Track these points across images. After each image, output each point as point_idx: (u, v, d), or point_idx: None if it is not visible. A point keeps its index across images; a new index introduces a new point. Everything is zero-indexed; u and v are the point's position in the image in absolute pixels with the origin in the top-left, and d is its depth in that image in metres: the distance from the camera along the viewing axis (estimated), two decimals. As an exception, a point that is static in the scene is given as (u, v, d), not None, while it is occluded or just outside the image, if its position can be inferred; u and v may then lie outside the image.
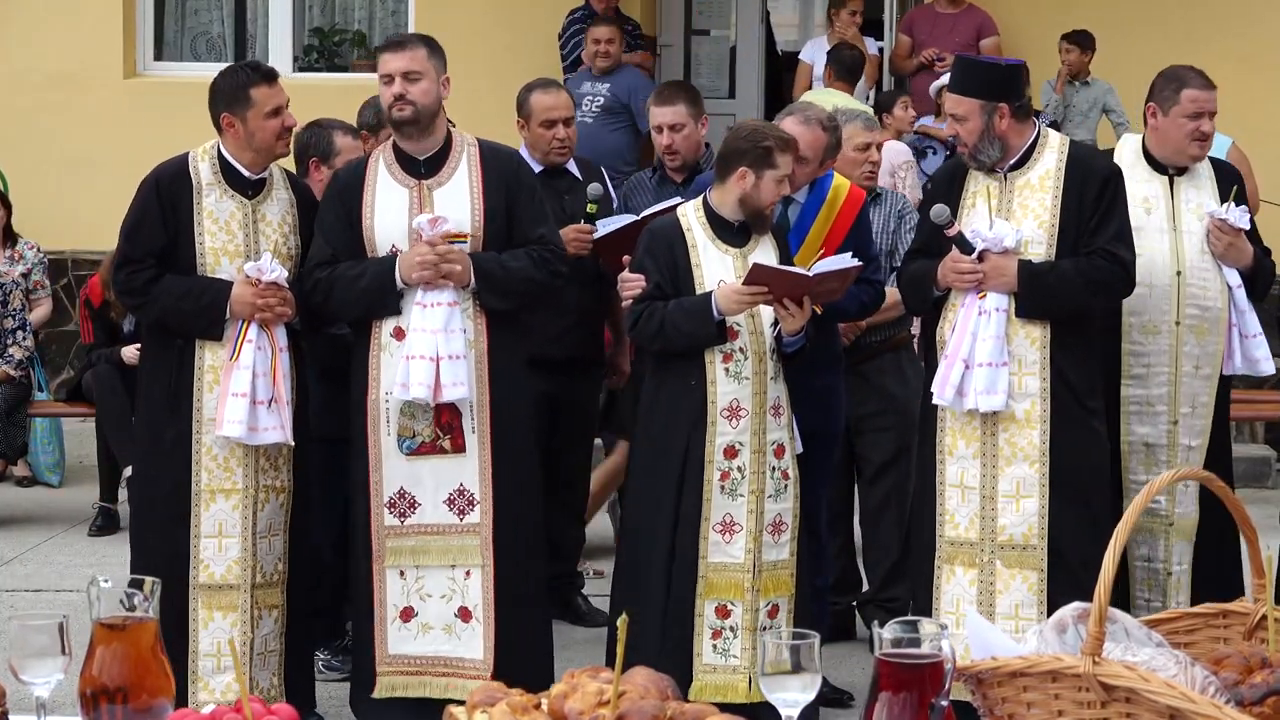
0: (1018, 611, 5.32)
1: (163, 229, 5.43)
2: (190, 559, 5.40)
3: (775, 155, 5.46)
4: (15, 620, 2.59)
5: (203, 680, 5.40)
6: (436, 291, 5.36)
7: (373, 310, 5.42)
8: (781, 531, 5.48)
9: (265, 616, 5.47)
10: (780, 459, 5.48)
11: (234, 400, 5.32)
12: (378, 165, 5.52)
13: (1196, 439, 5.76)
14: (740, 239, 5.53)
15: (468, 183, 5.49)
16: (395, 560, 5.45)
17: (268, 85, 5.48)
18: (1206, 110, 5.81)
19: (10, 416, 9.14)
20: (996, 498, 5.39)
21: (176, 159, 5.54)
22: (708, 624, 5.43)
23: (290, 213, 5.55)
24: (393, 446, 5.42)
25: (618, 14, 11.11)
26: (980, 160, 5.49)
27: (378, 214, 5.45)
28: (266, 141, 5.45)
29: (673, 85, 7.48)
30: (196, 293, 5.38)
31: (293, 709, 2.62)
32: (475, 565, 5.44)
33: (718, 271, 5.46)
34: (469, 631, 5.44)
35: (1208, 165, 5.93)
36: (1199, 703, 2.34)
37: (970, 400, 5.34)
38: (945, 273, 5.44)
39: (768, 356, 5.46)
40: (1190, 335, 5.73)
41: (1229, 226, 5.73)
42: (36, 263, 10.11)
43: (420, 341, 5.32)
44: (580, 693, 2.51)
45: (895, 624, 2.41)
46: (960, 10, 11.33)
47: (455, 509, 5.43)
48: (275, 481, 5.49)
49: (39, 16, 11.63)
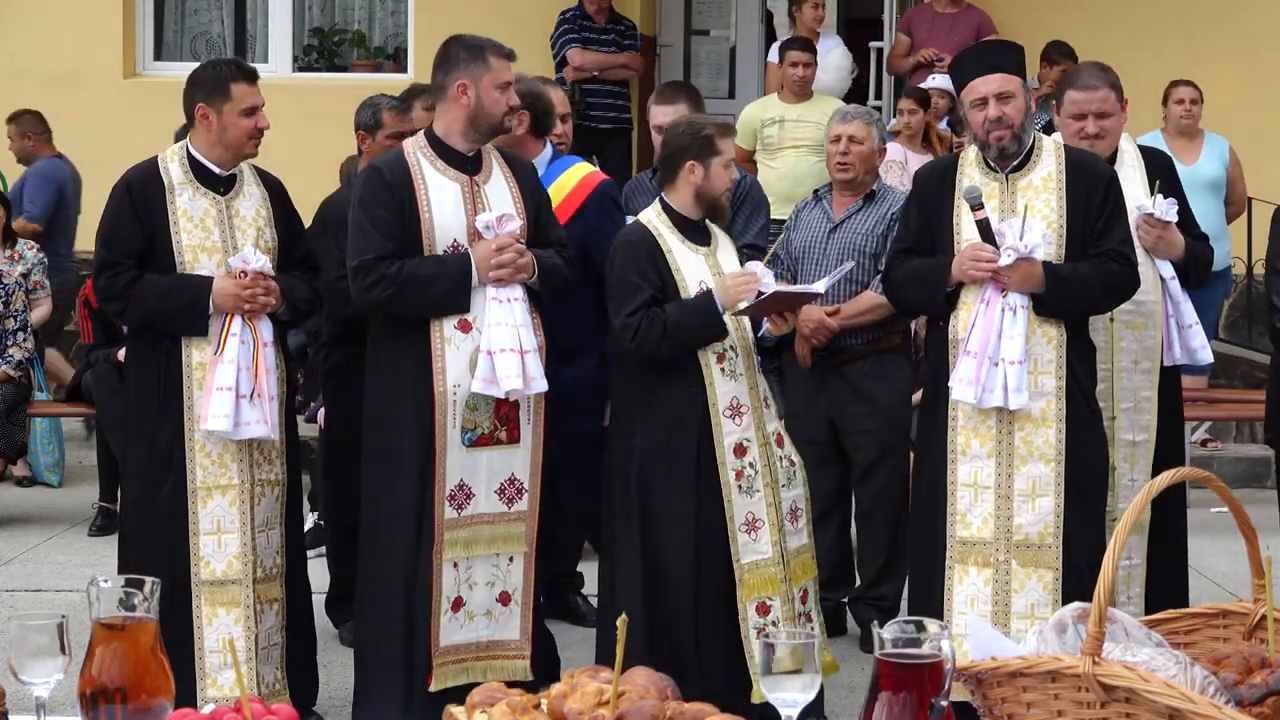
0: (1033, 611, 5.30)
1: (139, 231, 5.42)
2: (191, 557, 5.40)
3: (717, 141, 5.52)
4: (15, 620, 2.59)
5: (211, 676, 5.41)
6: (509, 288, 5.39)
7: (445, 309, 5.40)
8: (798, 518, 5.55)
9: (267, 610, 5.47)
10: (782, 447, 5.54)
11: (219, 395, 5.32)
12: (419, 160, 5.47)
13: (1142, 434, 5.77)
14: (704, 237, 5.59)
15: (505, 183, 5.53)
16: (451, 552, 5.44)
17: (247, 83, 5.49)
18: (1088, 111, 5.79)
19: (10, 416, 9.14)
20: (1012, 497, 5.38)
21: (145, 162, 5.54)
22: (752, 624, 5.43)
23: (264, 206, 5.55)
24: (456, 439, 5.41)
25: (612, 14, 11.13)
26: (1020, 143, 5.43)
27: (435, 209, 5.43)
28: (238, 139, 5.45)
29: (674, 85, 7.49)
30: (179, 290, 5.38)
31: (293, 709, 2.62)
32: (519, 551, 5.47)
33: (696, 272, 5.49)
34: (507, 614, 5.47)
35: (1137, 156, 5.93)
36: (1199, 703, 2.34)
37: (997, 398, 5.31)
38: (963, 262, 5.38)
39: (753, 353, 5.54)
40: (1126, 330, 5.73)
41: (1157, 220, 5.73)
42: (36, 263, 10.11)
43: (505, 336, 5.32)
44: (580, 693, 2.51)
45: (895, 624, 2.41)
46: (959, 10, 11.35)
47: (505, 498, 5.44)
48: (270, 475, 5.49)
49: (39, 16, 11.65)
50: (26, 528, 8.89)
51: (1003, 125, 5.40)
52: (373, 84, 9.55)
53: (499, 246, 5.35)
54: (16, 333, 9.21)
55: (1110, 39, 10.94)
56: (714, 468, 5.42)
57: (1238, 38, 11.52)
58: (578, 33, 10.97)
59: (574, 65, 10.86)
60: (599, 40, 11.03)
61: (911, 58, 11.32)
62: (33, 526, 8.92)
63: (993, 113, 5.39)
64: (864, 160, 6.83)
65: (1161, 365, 5.79)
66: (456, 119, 5.48)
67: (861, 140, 6.83)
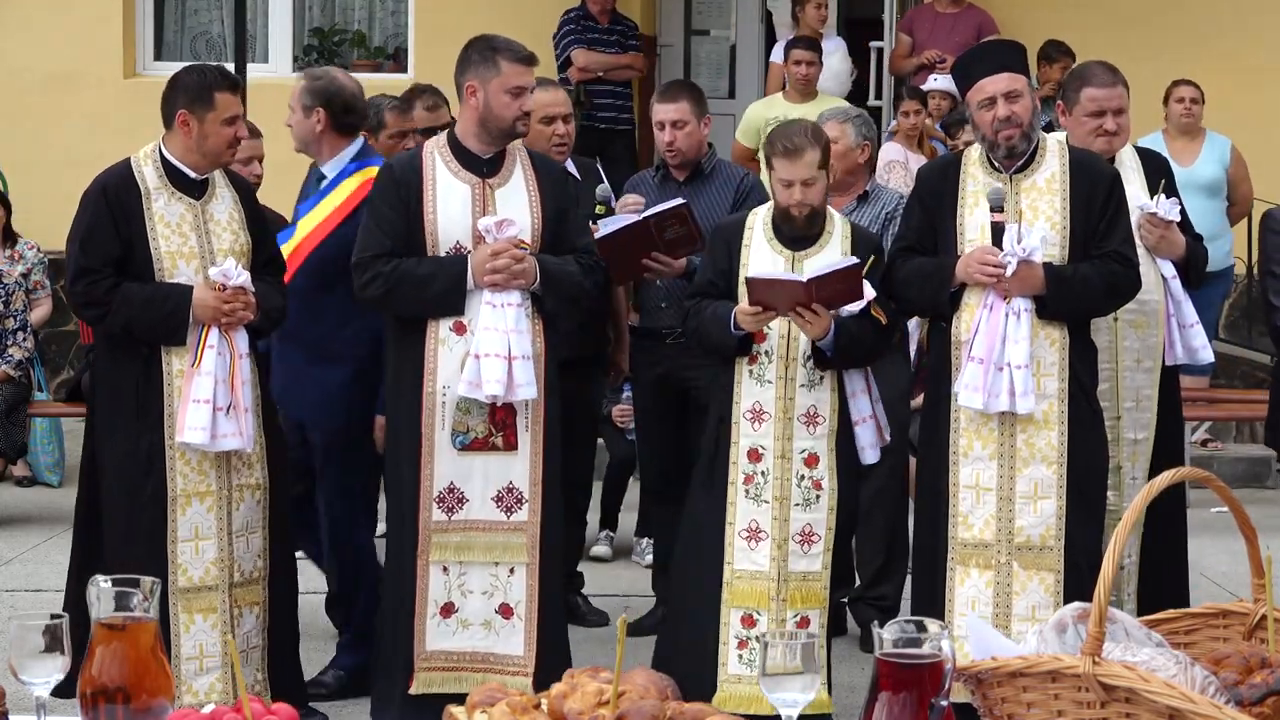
0: (1034, 613, 5.30)
1: (115, 237, 5.36)
2: (169, 564, 5.35)
3: (770, 159, 5.51)
4: (15, 620, 2.59)
5: (186, 684, 5.34)
6: (506, 293, 5.37)
7: (439, 310, 5.41)
8: (813, 542, 5.43)
9: (246, 614, 5.44)
10: (812, 468, 5.43)
11: (195, 407, 5.27)
12: (434, 160, 5.49)
13: (1143, 432, 5.77)
14: (800, 243, 5.50)
15: (524, 186, 5.51)
16: (440, 555, 5.43)
17: (231, 93, 5.46)
18: (1108, 108, 5.78)
19: (10, 416, 9.14)
20: (1014, 499, 5.38)
21: (118, 165, 5.49)
22: (733, 633, 5.41)
23: (236, 210, 5.51)
24: (445, 441, 5.41)
25: (614, 14, 11.12)
26: (1029, 141, 5.43)
27: (440, 210, 5.44)
28: (217, 148, 5.41)
29: (677, 83, 7.49)
30: (159, 299, 5.33)
31: (292, 709, 2.62)
32: (520, 563, 5.44)
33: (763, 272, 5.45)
34: (509, 628, 5.44)
35: (1134, 157, 5.93)
36: (1199, 703, 2.34)
37: (1004, 402, 5.31)
38: (970, 264, 5.37)
39: (799, 363, 5.43)
40: (1129, 330, 5.73)
41: (1160, 220, 5.72)
42: (36, 263, 10.11)
43: (493, 340, 5.31)
44: (580, 693, 2.51)
45: (895, 624, 2.40)
46: (960, 10, 11.34)
47: (503, 506, 5.43)
48: (249, 480, 5.46)
49: (39, 16, 11.64)
50: (26, 528, 8.89)
51: (1012, 125, 5.41)
52: (373, 84, 9.53)
53: (494, 251, 5.34)
54: (16, 332, 9.21)
55: (1110, 39, 10.93)
56: (727, 467, 5.43)
57: (1237, 38, 11.51)
58: (581, 33, 10.94)
59: (579, 66, 10.84)
60: (602, 41, 11.01)
61: (914, 58, 11.31)
62: (33, 526, 8.91)
63: (1002, 112, 5.38)
64: (840, 159, 6.74)
65: (1162, 365, 5.80)
66: (469, 121, 5.50)
67: (835, 140, 6.79)
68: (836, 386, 5.45)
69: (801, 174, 5.43)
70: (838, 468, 5.46)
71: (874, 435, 5.50)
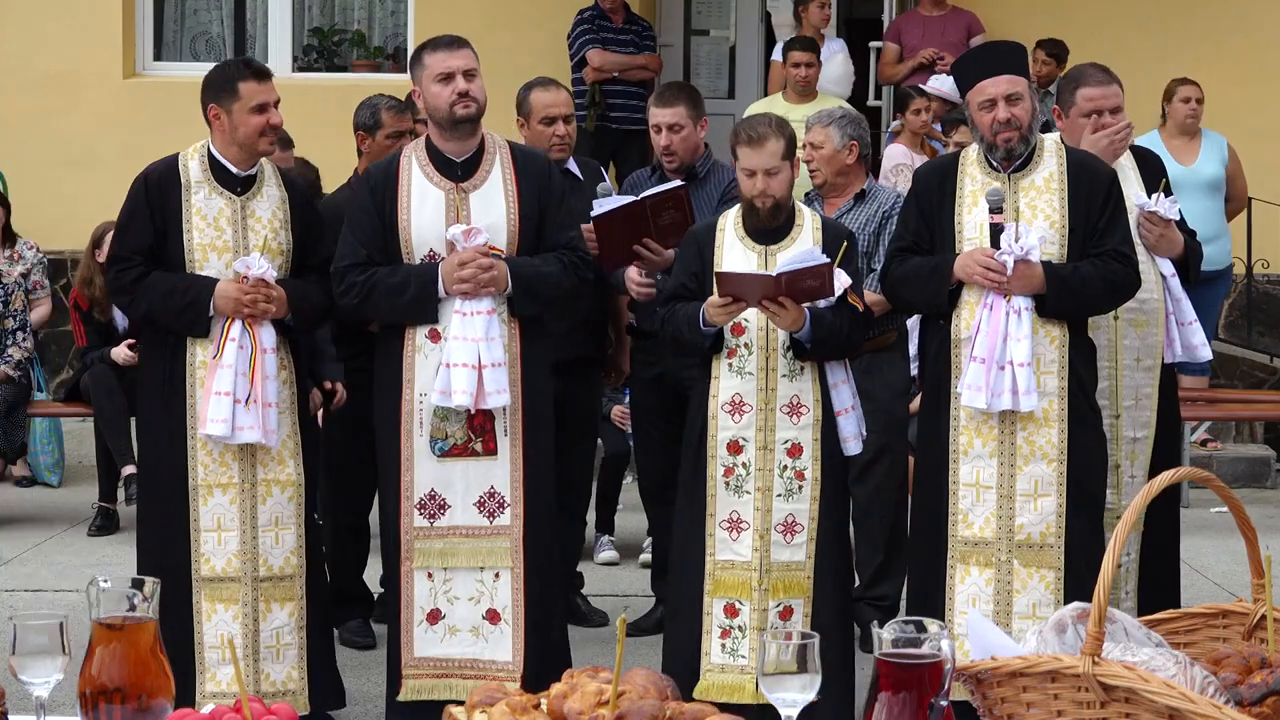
0: (1035, 611, 5.31)
1: (150, 226, 5.45)
2: (191, 552, 5.41)
3: (735, 149, 5.52)
4: (15, 620, 2.59)
5: (210, 671, 5.42)
6: (476, 300, 5.36)
7: (412, 318, 5.42)
8: (795, 532, 5.42)
9: (277, 610, 5.46)
10: (795, 459, 5.42)
11: (216, 399, 5.32)
12: (410, 165, 5.50)
13: (1142, 430, 5.77)
14: (770, 237, 5.50)
15: (502, 186, 5.49)
16: (423, 562, 5.44)
17: (256, 81, 5.49)
18: (1103, 107, 5.79)
19: (10, 416, 9.14)
20: (1014, 497, 5.38)
21: (167, 158, 5.57)
22: (716, 623, 5.42)
23: (281, 208, 5.54)
24: (424, 448, 5.42)
25: (628, 14, 11.08)
26: (1028, 143, 5.44)
27: (414, 216, 5.44)
28: (249, 136, 5.44)
29: (674, 86, 7.45)
30: (181, 290, 5.39)
31: (292, 709, 2.62)
32: (505, 567, 5.44)
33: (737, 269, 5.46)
34: (497, 634, 5.43)
35: (1129, 156, 5.93)
36: (1198, 703, 2.34)
37: (1006, 401, 5.31)
38: (969, 265, 5.37)
39: (779, 354, 5.43)
40: (1129, 329, 5.73)
41: (1159, 218, 5.72)
42: (36, 263, 10.11)
43: (461, 350, 5.31)
44: (579, 693, 2.51)
45: (895, 624, 2.40)
46: (946, 12, 11.34)
47: (485, 511, 5.43)
48: (280, 475, 5.48)
49: (39, 16, 11.64)
50: (26, 528, 8.89)
51: (1011, 127, 5.42)
52: (373, 84, 9.54)
53: (461, 261, 5.34)
54: (16, 332, 9.21)
55: (1101, 39, 10.93)
56: (707, 459, 5.44)
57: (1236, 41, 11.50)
58: (596, 33, 10.88)
59: (594, 66, 10.80)
60: (617, 41, 10.95)
61: (905, 63, 11.29)
62: (33, 526, 8.92)
63: (1002, 114, 5.39)
64: (827, 162, 6.74)
65: (1161, 364, 5.80)
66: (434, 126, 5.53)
67: (820, 144, 6.77)
68: (818, 376, 5.44)
69: (765, 163, 5.42)
70: (823, 457, 5.44)
71: (856, 426, 5.49)
